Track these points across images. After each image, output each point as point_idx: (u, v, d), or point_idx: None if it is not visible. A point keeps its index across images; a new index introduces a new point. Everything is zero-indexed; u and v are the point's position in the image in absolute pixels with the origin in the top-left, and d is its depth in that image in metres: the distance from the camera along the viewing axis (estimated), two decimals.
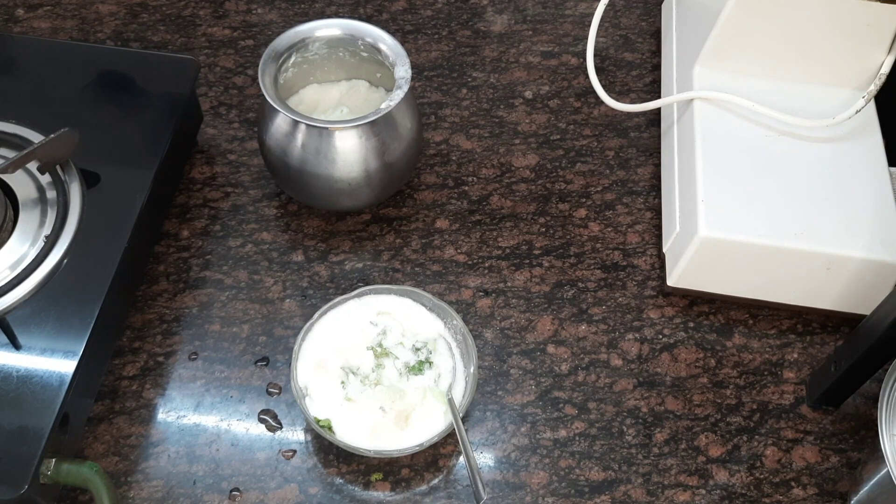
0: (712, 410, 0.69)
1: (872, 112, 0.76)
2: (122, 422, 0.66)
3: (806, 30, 0.73)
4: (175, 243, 0.76)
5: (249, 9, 0.94)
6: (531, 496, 0.65)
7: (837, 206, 0.70)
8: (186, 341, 0.71)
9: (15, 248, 0.66)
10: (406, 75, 0.71)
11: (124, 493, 0.63)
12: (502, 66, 0.90)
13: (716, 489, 0.66)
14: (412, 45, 0.91)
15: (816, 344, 0.73)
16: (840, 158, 0.73)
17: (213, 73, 0.88)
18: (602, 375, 0.71)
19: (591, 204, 0.80)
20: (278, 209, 0.79)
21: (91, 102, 0.76)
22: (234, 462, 0.65)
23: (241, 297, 0.73)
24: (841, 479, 0.66)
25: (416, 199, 0.80)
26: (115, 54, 0.82)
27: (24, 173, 0.69)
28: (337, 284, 0.74)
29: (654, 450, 0.67)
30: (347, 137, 0.70)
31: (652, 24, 0.95)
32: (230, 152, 0.82)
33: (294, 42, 0.74)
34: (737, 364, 0.72)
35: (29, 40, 0.84)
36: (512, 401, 0.69)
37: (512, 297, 0.74)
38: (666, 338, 0.73)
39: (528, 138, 0.85)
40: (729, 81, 0.76)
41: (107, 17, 0.92)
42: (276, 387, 0.69)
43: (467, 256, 0.77)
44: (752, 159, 0.73)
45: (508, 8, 0.96)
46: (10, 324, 0.63)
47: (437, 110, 0.87)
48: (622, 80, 0.90)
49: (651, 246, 0.78)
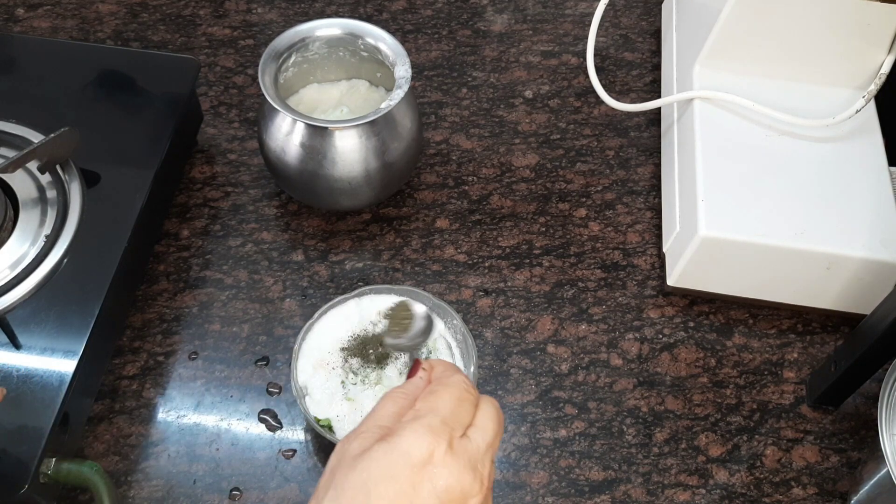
0: (712, 410, 0.69)
1: (872, 112, 0.76)
2: (122, 421, 0.66)
3: (806, 30, 0.73)
4: (175, 243, 0.76)
5: (249, 8, 0.94)
6: (531, 496, 0.65)
7: (837, 206, 0.70)
8: (186, 341, 0.71)
9: (15, 248, 0.66)
10: (406, 75, 0.71)
11: (124, 493, 0.63)
12: (502, 65, 0.90)
13: (716, 489, 0.66)
14: (412, 44, 0.91)
15: (816, 344, 0.73)
16: (840, 158, 0.73)
17: (213, 73, 0.88)
18: (602, 375, 0.71)
19: (591, 204, 0.80)
20: (278, 209, 0.79)
21: (91, 102, 0.76)
22: (234, 462, 0.65)
23: (241, 297, 0.73)
24: (841, 479, 0.66)
25: (416, 198, 0.80)
26: (115, 54, 0.82)
27: (24, 173, 0.69)
28: (337, 284, 0.74)
29: (654, 449, 0.67)
30: (347, 137, 0.70)
31: (652, 23, 0.95)
32: (230, 152, 0.82)
33: (294, 42, 0.74)
34: (737, 364, 0.72)
35: (29, 40, 0.84)
36: (512, 400, 0.69)
37: (512, 296, 0.74)
38: (666, 337, 0.73)
39: (529, 138, 0.85)
40: (729, 81, 0.76)
41: (107, 16, 0.92)
42: (276, 386, 0.69)
43: (467, 256, 0.77)
44: (752, 159, 0.73)
45: (508, 7, 0.96)
46: (10, 323, 0.63)
47: (437, 110, 0.87)
48: (622, 80, 0.90)
49: (651, 246, 0.78)
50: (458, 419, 0.45)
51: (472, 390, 0.47)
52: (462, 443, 0.44)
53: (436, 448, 0.43)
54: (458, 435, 0.44)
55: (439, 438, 0.43)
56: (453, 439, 0.43)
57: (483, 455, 0.44)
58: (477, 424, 0.46)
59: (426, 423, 0.44)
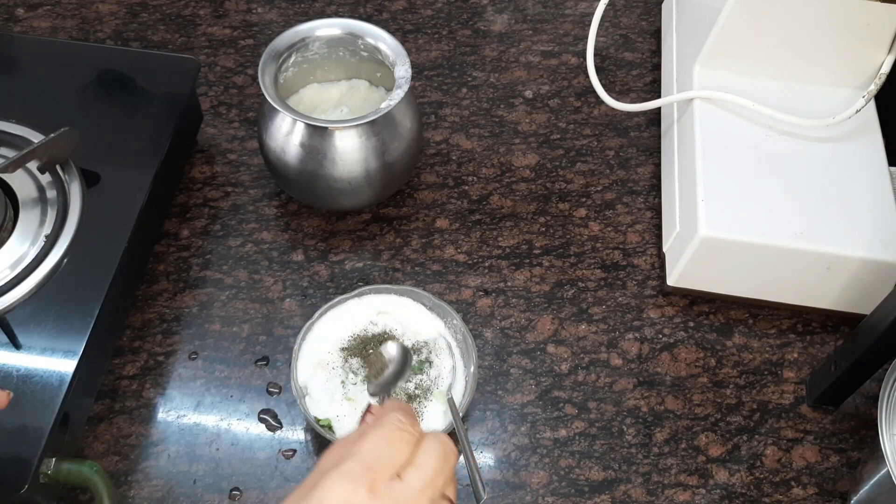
0: (712, 410, 0.69)
1: (872, 112, 0.76)
2: (122, 421, 0.66)
3: (806, 29, 0.73)
4: (175, 243, 0.76)
5: (249, 8, 0.94)
6: (531, 496, 0.65)
7: (837, 206, 0.70)
8: (186, 341, 0.71)
9: (15, 248, 0.66)
10: (406, 75, 0.71)
11: (124, 493, 0.63)
12: (502, 65, 0.90)
13: (716, 489, 0.66)
14: (412, 44, 0.91)
15: (816, 344, 0.73)
16: (840, 158, 0.73)
17: (213, 73, 0.88)
18: (602, 375, 0.71)
19: (591, 203, 0.80)
20: (278, 209, 0.79)
21: (91, 102, 0.76)
22: (234, 462, 0.65)
23: (241, 297, 0.73)
24: (841, 479, 0.66)
25: (416, 198, 0.80)
26: (114, 54, 0.83)
27: (24, 173, 0.69)
28: (337, 284, 0.74)
29: (654, 449, 0.67)
30: (347, 137, 0.70)
31: (652, 23, 0.95)
32: (230, 152, 0.82)
33: (294, 41, 0.74)
34: (737, 364, 0.72)
35: (29, 40, 0.84)
36: (512, 400, 0.69)
37: (512, 296, 0.74)
38: (666, 337, 0.73)
39: (528, 138, 0.85)
40: (729, 81, 0.76)
41: (107, 16, 0.92)
42: (276, 386, 0.69)
43: (467, 256, 0.77)
44: (752, 159, 0.73)
45: (508, 7, 0.96)
46: (10, 323, 0.63)
47: (437, 110, 0.87)
48: (622, 80, 0.90)
49: (651, 245, 0.78)
50: (388, 461, 0.44)
51: (410, 428, 0.46)
52: (390, 485, 0.43)
53: (352, 495, 0.42)
54: (386, 477, 0.43)
55: (356, 484, 0.42)
56: (376, 483, 0.42)
57: (419, 494, 0.43)
58: (415, 463, 0.44)
59: (344, 471, 0.43)
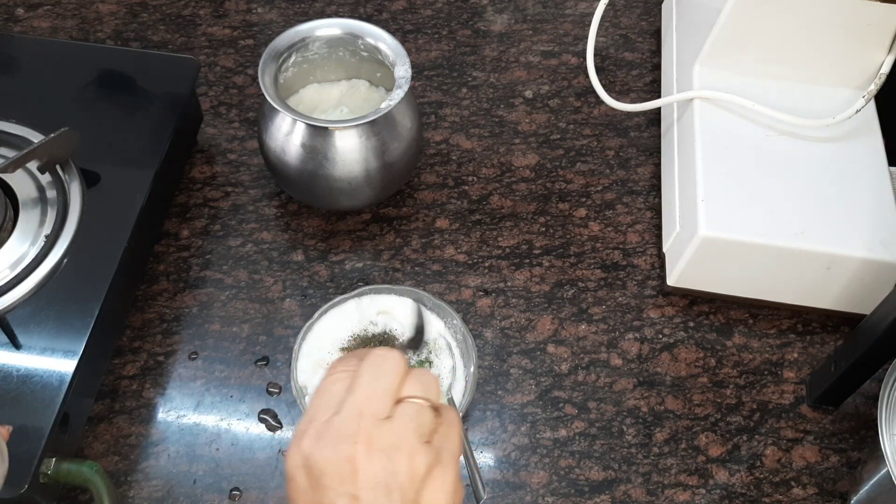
0: (712, 410, 0.69)
1: (872, 112, 0.76)
2: (122, 421, 0.66)
3: (806, 29, 0.73)
4: (175, 243, 0.76)
5: (249, 8, 0.94)
6: (531, 496, 0.65)
7: (837, 206, 0.70)
8: (186, 341, 0.71)
9: (15, 248, 0.66)
10: (406, 75, 0.71)
11: (124, 493, 0.63)
12: (502, 65, 0.90)
13: (716, 489, 0.66)
14: (412, 44, 0.91)
15: (816, 344, 0.73)
16: (840, 158, 0.73)
17: (213, 73, 0.88)
18: (602, 375, 0.71)
19: (591, 203, 0.80)
20: (278, 209, 0.79)
21: (91, 102, 0.76)
22: (234, 462, 0.65)
23: (241, 297, 0.73)
24: (841, 479, 0.66)
25: (416, 198, 0.80)
26: (114, 54, 0.83)
27: (24, 173, 0.69)
28: (337, 284, 0.74)
29: (654, 449, 0.67)
30: (347, 137, 0.70)
31: (652, 23, 0.95)
32: (230, 152, 0.82)
33: (294, 41, 0.74)
34: (737, 364, 0.72)
35: (29, 40, 0.85)
36: (512, 400, 0.69)
37: (512, 296, 0.74)
38: (666, 337, 0.73)
39: (528, 138, 0.85)
40: (729, 81, 0.76)
41: (107, 16, 0.92)
42: (276, 386, 0.69)
43: (467, 256, 0.77)
44: (752, 159, 0.73)
45: (508, 7, 0.96)
46: (10, 323, 0.63)
47: (437, 110, 0.87)
48: (622, 80, 0.90)
49: (651, 245, 0.78)
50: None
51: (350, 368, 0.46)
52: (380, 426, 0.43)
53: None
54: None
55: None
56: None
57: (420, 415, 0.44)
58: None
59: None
